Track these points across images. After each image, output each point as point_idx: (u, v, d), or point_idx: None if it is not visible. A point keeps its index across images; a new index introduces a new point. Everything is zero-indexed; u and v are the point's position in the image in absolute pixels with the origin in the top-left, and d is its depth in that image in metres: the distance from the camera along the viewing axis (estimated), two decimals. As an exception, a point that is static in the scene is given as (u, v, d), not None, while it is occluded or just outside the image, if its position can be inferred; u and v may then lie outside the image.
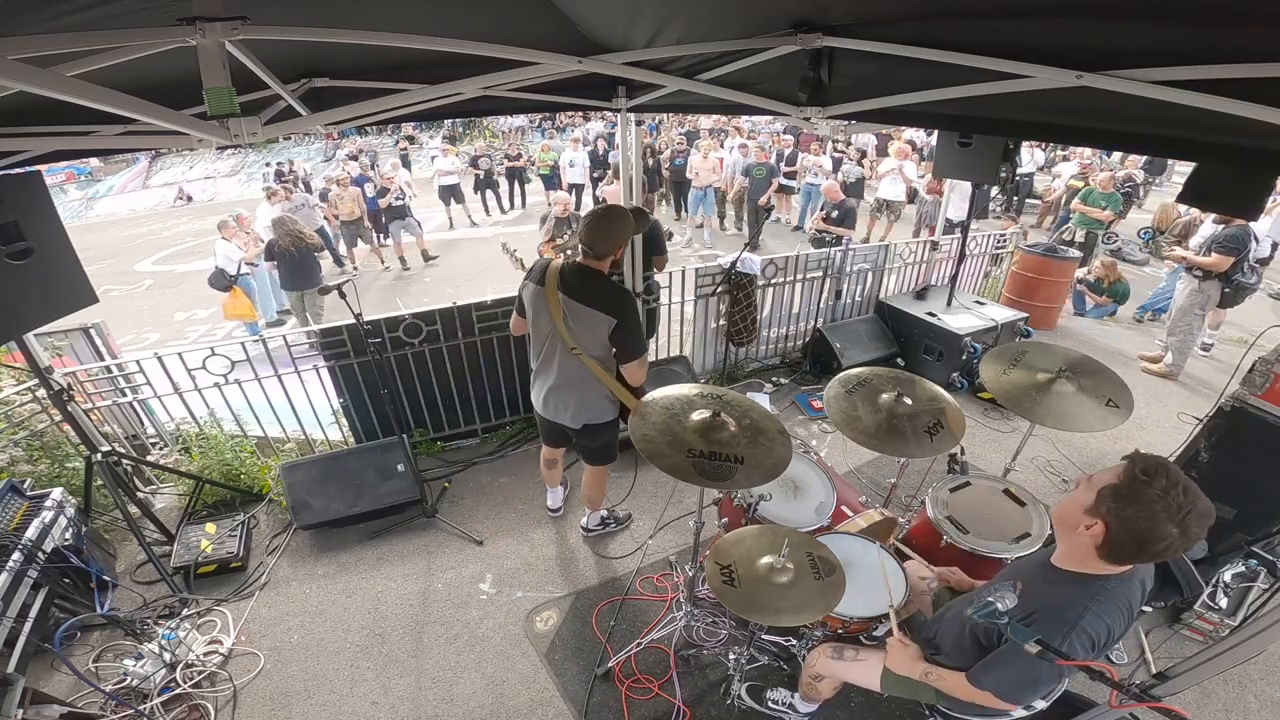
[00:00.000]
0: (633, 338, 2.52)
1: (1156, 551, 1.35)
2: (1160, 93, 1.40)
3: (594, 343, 2.54)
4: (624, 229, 2.50)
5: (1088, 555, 1.45)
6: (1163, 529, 1.31)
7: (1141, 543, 1.35)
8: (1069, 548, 1.53)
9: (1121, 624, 1.46)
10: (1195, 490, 1.34)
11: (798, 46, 2.01)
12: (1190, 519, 1.31)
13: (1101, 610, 1.43)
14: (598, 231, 2.46)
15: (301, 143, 21.65)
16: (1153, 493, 1.32)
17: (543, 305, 2.55)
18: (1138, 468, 1.37)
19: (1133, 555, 1.40)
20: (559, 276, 2.51)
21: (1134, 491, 1.34)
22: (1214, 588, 2.77)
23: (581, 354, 2.55)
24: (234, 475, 3.75)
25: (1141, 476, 1.34)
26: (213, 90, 1.45)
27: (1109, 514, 1.37)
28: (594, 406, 2.72)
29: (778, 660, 2.58)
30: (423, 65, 2.34)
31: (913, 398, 2.49)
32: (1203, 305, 4.97)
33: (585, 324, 2.49)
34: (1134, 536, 1.35)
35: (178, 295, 9.62)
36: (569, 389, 2.69)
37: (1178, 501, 1.31)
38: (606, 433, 2.85)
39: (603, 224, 2.49)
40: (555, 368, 2.66)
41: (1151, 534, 1.33)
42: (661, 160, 12.02)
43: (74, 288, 2.41)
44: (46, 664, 2.67)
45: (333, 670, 2.76)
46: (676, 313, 4.82)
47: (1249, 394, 2.94)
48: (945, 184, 6.87)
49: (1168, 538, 1.32)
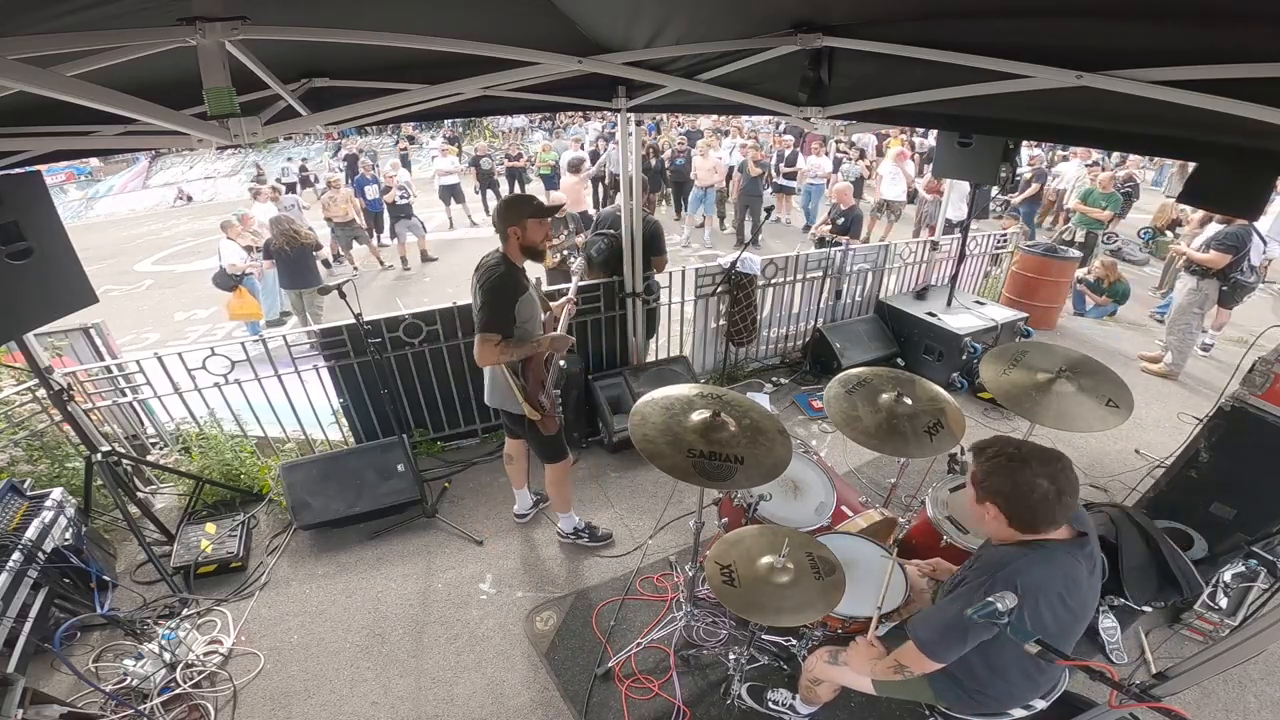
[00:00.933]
0: (484, 311, 2.52)
1: (1047, 507, 1.50)
2: (1160, 93, 1.40)
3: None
4: (517, 210, 2.58)
5: (1010, 534, 1.59)
6: (1025, 479, 1.50)
7: (1027, 501, 1.51)
8: (993, 534, 1.67)
9: (1061, 584, 1.52)
10: (1025, 443, 1.59)
11: (798, 46, 2.02)
12: (1035, 464, 1.51)
13: (1033, 563, 1.53)
14: (498, 211, 2.62)
15: (301, 142, 21.66)
16: (998, 461, 1.55)
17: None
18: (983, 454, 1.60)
19: (1036, 517, 1.53)
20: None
21: (986, 469, 1.57)
22: (1214, 588, 2.77)
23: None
24: (234, 475, 3.75)
25: (983, 456, 1.59)
26: (213, 90, 1.46)
27: (988, 493, 1.57)
28: (496, 392, 2.82)
29: (778, 660, 2.58)
30: (423, 65, 2.35)
31: (913, 398, 2.49)
32: (1201, 304, 4.96)
33: (473, 300, 2.64)
34: (1017, 499, 1.53)
35: (178, 295, 9.61)
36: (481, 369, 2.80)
37: (1016, 454, 1.53)
38: (525, 427, 2.85)
39: (501, 205, 2.67)
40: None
41: (1023, 489, 1.51)
42: (663, 160, 12.02)
43: (74, 288, 2.41)
44: (46, 664, 2.67)
45: (333, 670, 2.76)
46: (676, 313, 4.82)
47: (1249, 394, 2.94)
48: (945, 184, 6.86)
49: (1039, 487, 1.49)
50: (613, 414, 4.10)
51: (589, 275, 4.60)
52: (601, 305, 4.26)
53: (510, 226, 2.55)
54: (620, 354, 4.51)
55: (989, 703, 1.76)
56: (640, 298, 4.29)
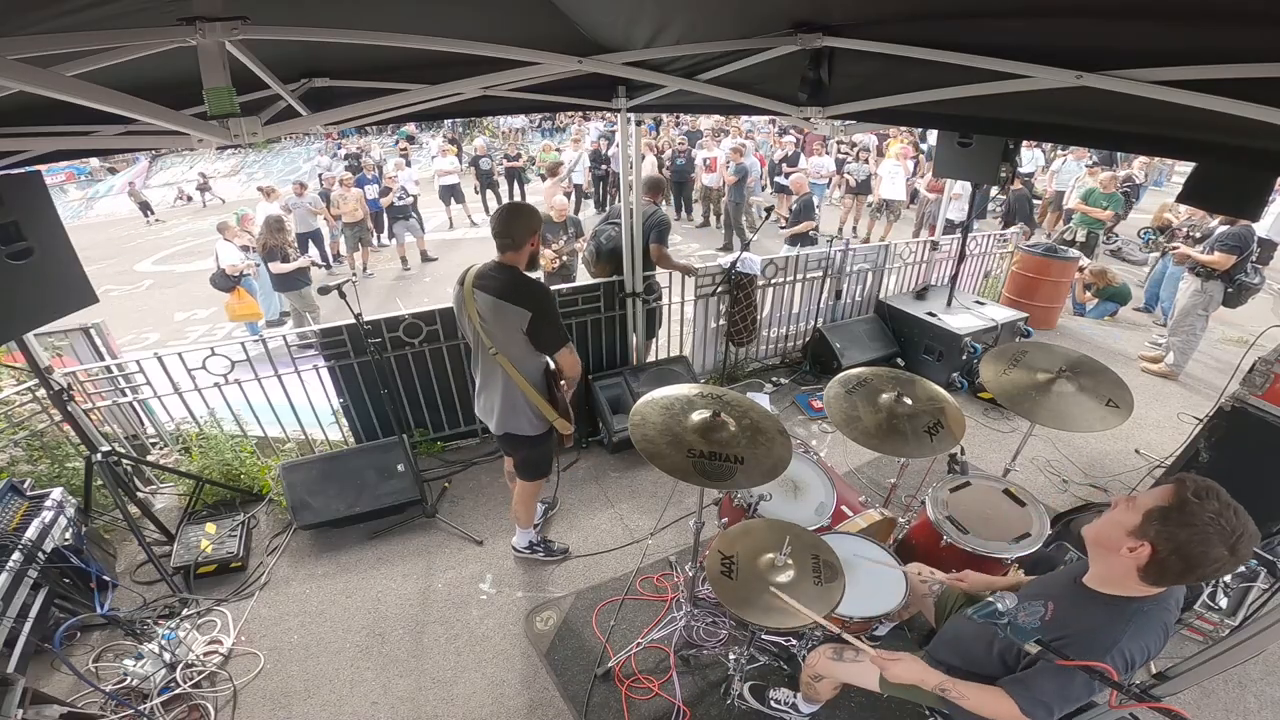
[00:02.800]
0: (551, 328, 2.47)
1: (1204, 573, 1.33)
2: (1160, 93, 1.40)
3: (512, 340, 2.47)
4: (535, 218, 2.51)
5: (1126, 577, 1.41)
6: (1216, 551, 1.29)
7: (1191, 565, 1.32)
8: (1105, 569, 1.48)
9: (1158, 644, 1.43)
10: (1244, 512, 1.32)
11: (798, 46, 2.01)
12: (1242, 541, 1.29)
13: (1138, 633, 1.40)
14: (505, 221, 2.44)
15: (301, 142, 21.65)
16: (1206, 515, 1.29)
17: (461, 306, 2.55)
18: (1189, 490, 1.32)
19: (1178, 577, 1.37)
20: (475, 275, 2.50)
21: (1187, 514, 1.30)
22: (1214, 588, 2.77)
23: (500, 355, 2.50)
24: (234, 475, 3.75)
25: (1194, 499, 1.30)
26: (213, 90, 1.45)
27: (1158, 536, 1.33)
28: (515, 416, 2.64)
29: (778, 660, 2.58)
30: (423, 65, 2.34)
31: (913, 398, 2.49)
32: (1205, 306, 4.95)
33: (502, 319, 2.44)
34: (1184, 559, 1.32)
35: (178, 295, 9.62)
36: (491, 393, 2.65)
37: (1231, 524, 1.28)
38: (529, 447, 2.76)
39: (513, 213, 2.50)
40: (483, 372, 2.66)
41: (1204, 557, 1.30)
42: (663, 160, 12.05)
43: (74, 288, 2.41)
44: (46, 664, 2.67)
45: (333, 670, 2.76)
46: (676, 313, 4.82)
47: (1249, 394, 2.94)
48: (946, 183, 6.87)
49: (1218, 560, 1.30)
50: (613, 414, 4.10)
51: (595, 264, 4.61)
52: (601, 305, 4.25)
53: (531, 236, 2.47)
54: (620, 354, 4.52)
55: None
56: (640, 298, 4.29)
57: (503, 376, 2.55)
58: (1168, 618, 1.44)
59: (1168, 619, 1.44)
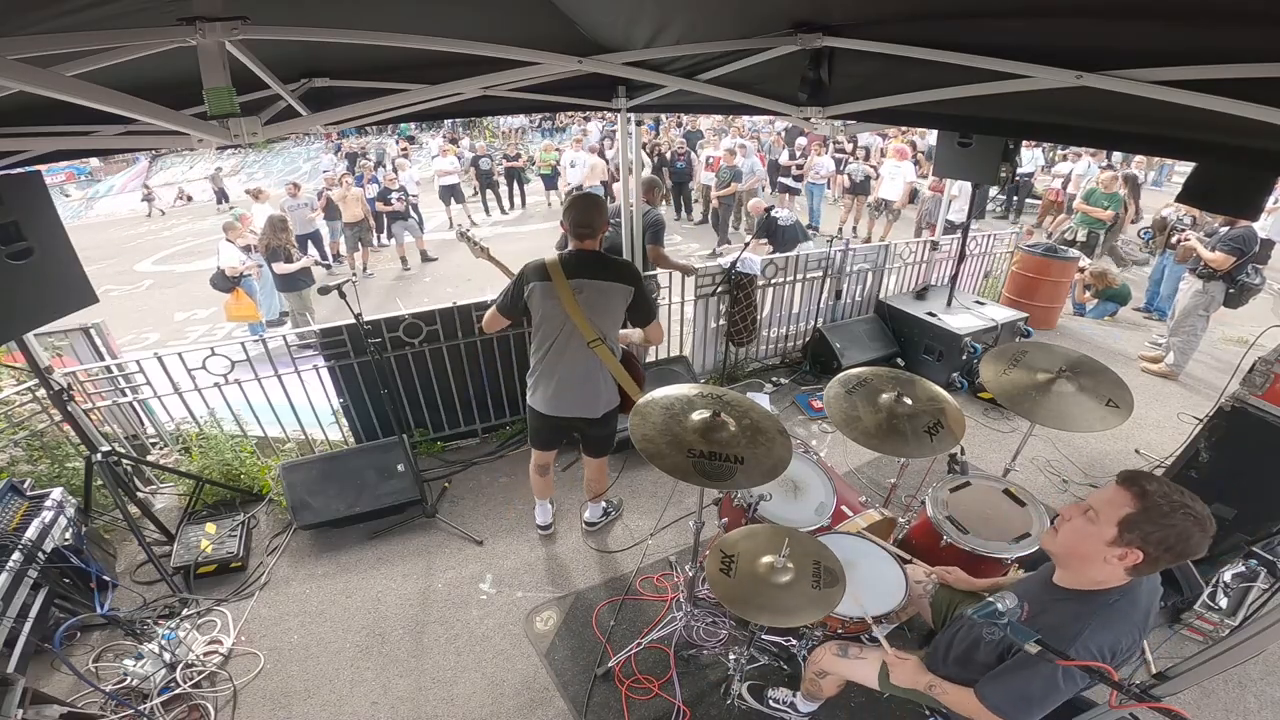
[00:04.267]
0: (650, 299, 2.71)
1: (1188, 556, 1.40)
2: (1160, 93, 1.40)
3: (612, 321, 2.62)
4: (605, 206, 2.65)
5: (1111, 577, 1.47)
6: (1195, 537, 1.37)
7: (1179, 555, 1.39)
8: (1080, 573, 1.53)
9: (1131, 634, 1.47)
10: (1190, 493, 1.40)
11: (798, 46, 2.01)
12: (1208, 520, 1.37)
13: (1103, 626, 1.45)
14: (589, 210, 2.56)
15: (302, 142, 21.66)
16: (1167, 506, 1.37)
17: (554, 300, 2.55)
18: (1146, 488, 1.40)
19: (1168, 565, 1.44)
20: (562, 267, 2.54)
21: (1158, 514, 1.37)
22: (1214, 588, 2.77)
23: (600, 344, 2.59)
24: (234, 475, 3.75)
25: (1157, 498, 1.38)
26: (213, 90, 1.45)
27: (1145, 541, 1.38)
28: (610, 393, 2.79)
29: (778, 660, 2.58)
30: (423, 65, 2.35)
31: (913, 398, 2.48)
32: (1207, 306, 4.95)
33: (605, 301, 2.57)
34: (1171, 551, 1.39)
35: (178, 295, 9.62)
36: (587, 383, 2.71)
37: (1195, 510, 1.37)
38: (612, 421, 2.90)
39: (591, 201, 2.63)
40: (569, 363, 2.66)
41: (1187, 544, 1.37)
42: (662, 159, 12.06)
43: (74, 288, 2.41)
44: (46, 664, 2.67)
45: (333, 670, 2.76)
46: (676, 313, 4.82)
47: (1249, 394, 2.94)
48: (946, 184, 6.87)
49: (1199, 542, 1.38)
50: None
51: None
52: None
53: (606, 222, 2.62)
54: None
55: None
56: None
57: (597, 364, 2.66)
58: (1137, 609, 1.49)
59: (1137, 610, 1.49)
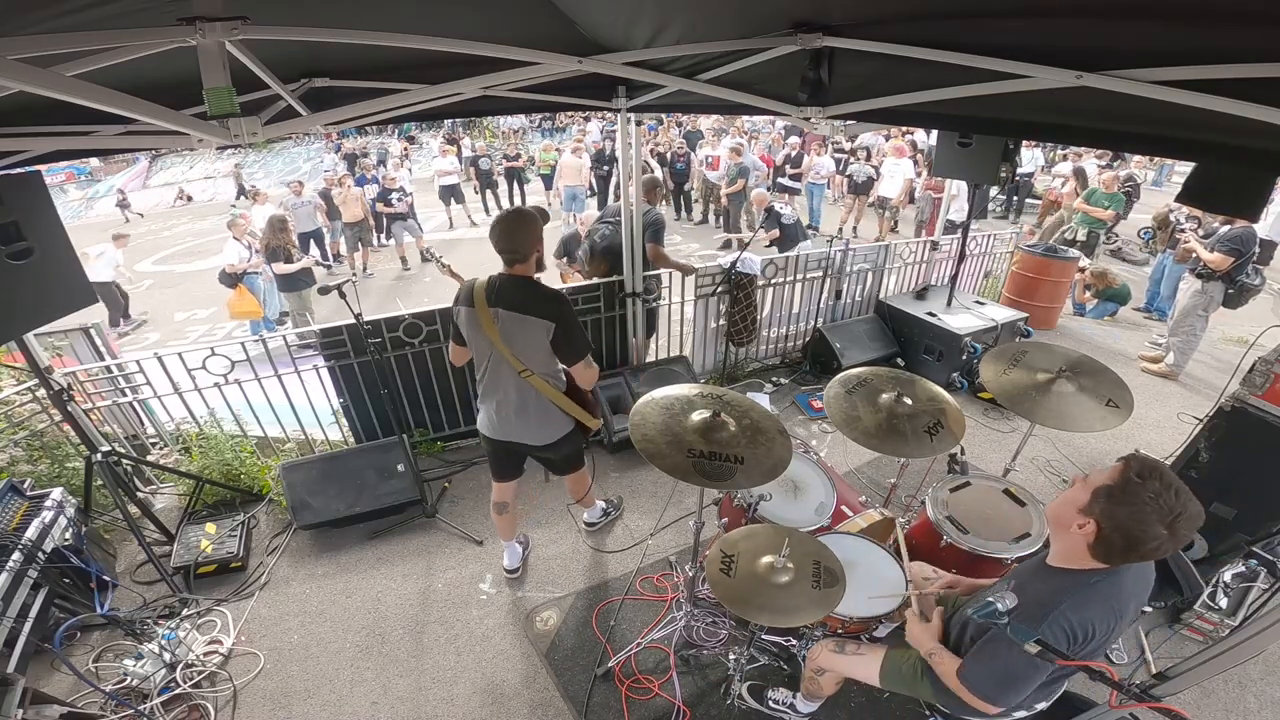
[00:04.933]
0: (574, 338, 2.38)
1: (1146, 551, 1.38)
2: (1160, 93, 1.40)
3: (537, 355, 2.39)
4: (536, 224, 2.39)
5: (1080, 553, 1.48)
6: (1153, 530, 1.34)
7: (1132, 543, 1.38)
8: (1062, 546, 1.55)
9: (1107, 621, 1.47)
10: (1187, 493, 1.36)
11: (798, 46, 2.01)
12: (1180, 521, 1.34)
13: (1081, 604, 1.45)
14: (511, 234, 2.31)
15: (301, 142, 21.65)
16: (1146, 494, 1.34)
17: (478, 327, 2.38)
18: (1133, 469, 1.38)
19: (1123, 554, 1.42)
20: (487, 292, 2.36)
21: (1128, 493, 1.37)
22: (1214, 588, 2.77)
23: (532, 375, 2.41)
24: (234, 475, 3.75)
25: (1136, 479, 1.36)
26: (213, 90, 1.45)
27: (1102, 514, 1.40)
28: (551, 426, 2.59)
29: (778, 660, 2.59)
30: (423, 65, 2.34)
31: (913, 398, 2.49)
32: (1206, 306, 4.95)
33: (525, 334, 2.35)
34: (1124, 536, 1.38)
35: (178, 295, 9.62)
36: (527, 411, 2.53)
37: (1169, 504, 1.33)
38: (569, 443, 2.70)
39: (514, 223, 2.35)
40: (505, 391, 2.50)
41: (1142, 535, 1.36)
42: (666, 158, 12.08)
43: (74, 288, 2.41)
44: (46, 664, 2.67)
45: (333, 670, 2.76)
46: (676, 313, 4.82)
47: (1249, 394, 2.94)
48: (946, 185, 6.87)
49: (1157, 539, 1.35)
50: (613, 414, 4.10)
51: (590, 262, 4.60)
52: (601, 305, 4.26)
53: (536, 243, 2.36)
54: (620, 354, 4.52)
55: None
56: (640, 297, 4.29)
57: (533, 394, 2.47)
58: (1119, 596, 1.48)
59: (1119, 597, 1.48)
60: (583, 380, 2.50)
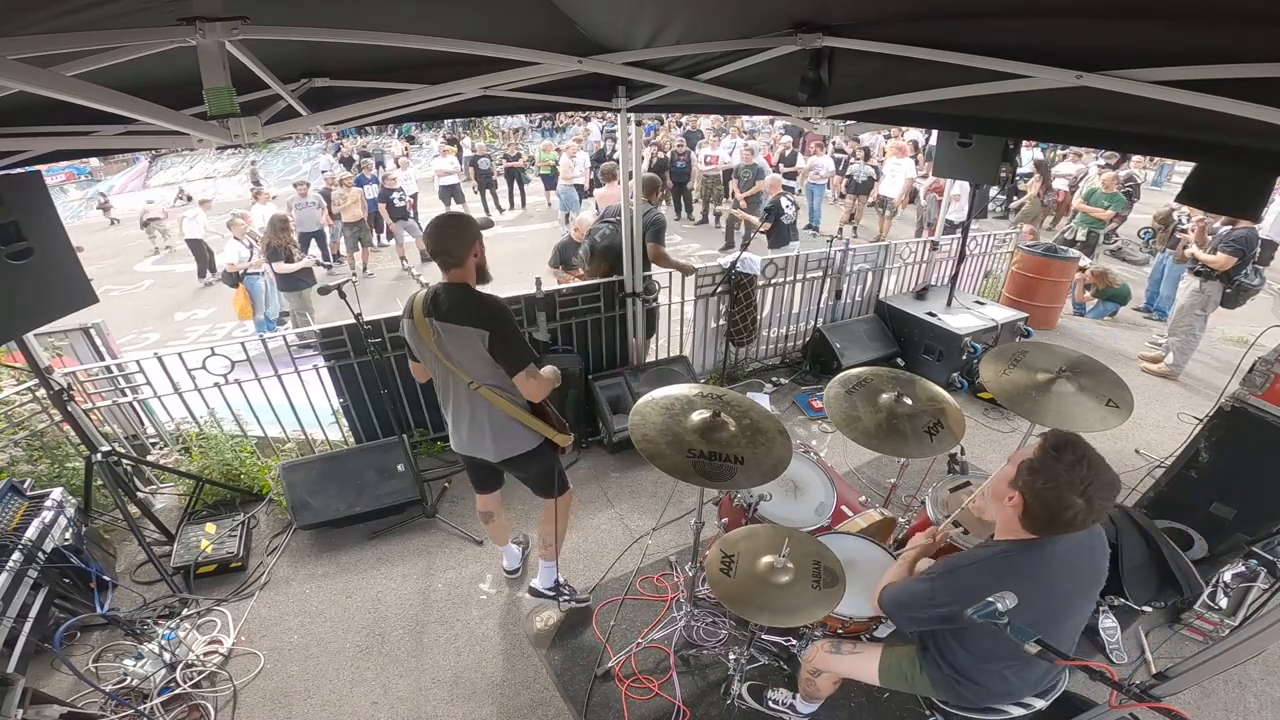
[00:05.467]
0: (511, 346, 2.20)
1: (1067, 519, 1.48)
2: (1160, 93, 1.40)
3: (480, 365, 2.25)
4: (471, 227, 2.25)
5: (1013, 525, 1.59)
6: (1068, 499, 1.45)
7: (1053, 513, 1.48)
8: (1000, 520, 1.66)
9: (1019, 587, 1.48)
10: (1101, 464, 1.47)
11: (798, 46, 2.01)
12: (1094, 490, 1.45)
13: (988, 569, 1.59)
14: (442, 236, 2.19)
15: (302, 142, 21.65)
16: (1060, 467, 1.46)
17: (420, 340, 2.28)
18: (1049, 444, 1.51)
19: (1047, 525, 1.52)
20: (424, 303, 2.24)
21: (1044, 465, 1.48)
22: (1214, 588, 2.77)
23: (480, 387, 2.28)
24: (234, 475, 3.75)
25: (1052, 452, 1.49)
26: (213, 90, 1.45)
27: (1025, 487, 1.52)
28: (510, 439, 2.42)
29: (778, 660, 2.59)
30: (423, 65, 2.34)
31: (913, 398, 2.49)
32: (1204, 306, 4.96)
33: (461, 345, 2.22)
34: (1044, 506, 1.49)
35: (178, 295, 9.62)
36: (476, 424, 2.41)
37: (1081, 475, 1.45)
38: (538, 460, 2.51)
39: (445, 225, 2.22)
40: (458, 404, 2.41)
41: (1060, 504, 1.46)
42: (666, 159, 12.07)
43: (74, 288, 2.41)
44: (46, 664, 2.67)
45: (333, 670, 2.76)
46: (676, 313, 4.82)
47: (1249, 394, 2.94)
48: (946, 186, 6.88)
49: (1074, 507, 1.46)
50: (613, 414, 4.10)
51: (590, 262, 4.59)
52: (601, 305, 4.26)
53: (471, 246, 2.20)
54: (620, 354, 4.51)
55: (978, 693, 1.75)
56: (639, 298, 4.29)
57: (486, 407, 2.35)
58: (1047, 568, 1.57)
59: (1047, 570, 1.57)
60: (528, 393, 2.30)
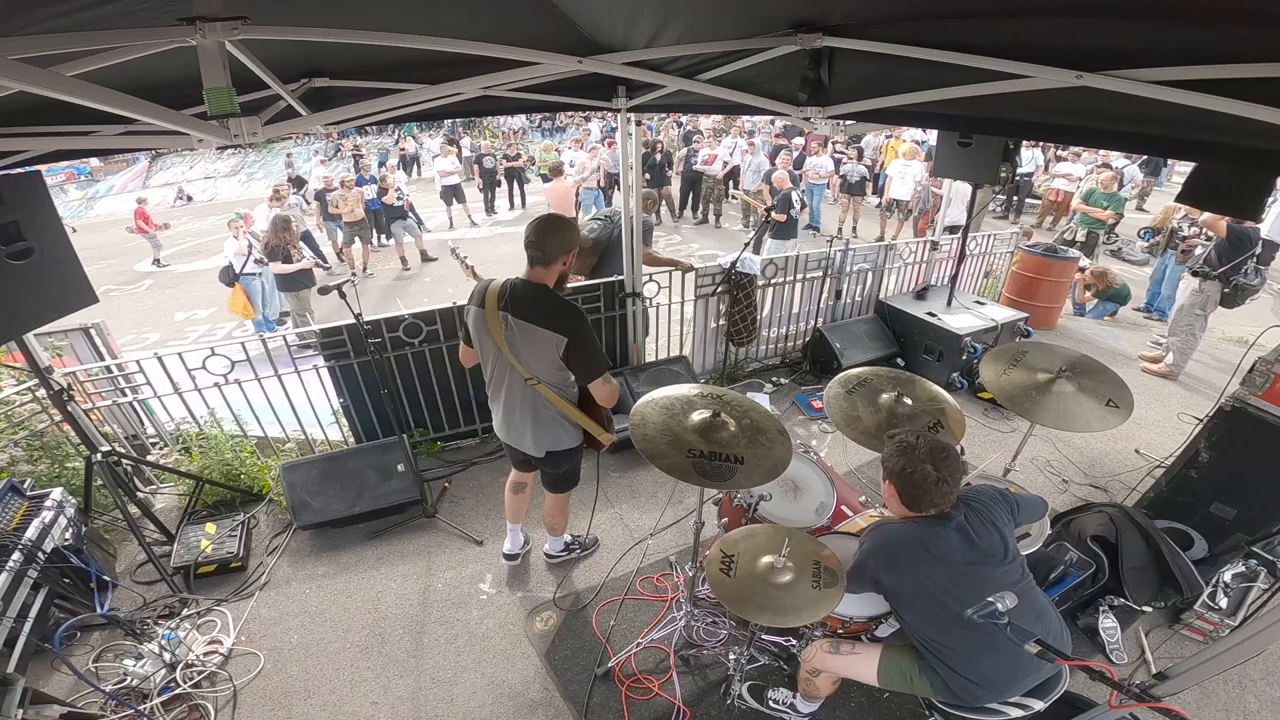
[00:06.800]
0: (589, 355, 2.26)
1: (929, 488, 1.75)
2: (1160, 93, 1.40)
3: (546, 366, 2.31)
4: (574, 234, 2.31)
5: (902, 510, 1.87)
6: (917, 467, 1.76)
7: (914, 486, 1.78)
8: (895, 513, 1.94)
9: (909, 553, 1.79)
10: (935, 440, 1.82)
11: (798, 46, 2.02)
12: (935, 456, 1.76)
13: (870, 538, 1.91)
14: (544, 232, 2.22)
15: (301, 142, 21.65)
16: (897, 444, 1.84)
17: (485, 330, 2.32)
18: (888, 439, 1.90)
19: (915, 500, 1.80)
20: (499, 295, 2.26)
21: (893, 454, 1.84)
22: (1214, 588, 2.77)
23: (539, 384, 2.34)
24: (234, 475, 3.75)
25: (895, 445, 1.85)
26: (213, 90, 1.46)
27: (887, 473, 1.86)
28: (557, 433, 2.51)
29: (778, 660, 2.58)
30: (423, 65, 2.34)
31: (913, 398, 2.49)
32: (1203, 305, 4.96)
33: (532, 345, 2.25)
34: (906, 481, 1.79)
35: (178, 295, 9.61)
36: (527, 419, 2.47)
37: (912, 442, 1.81)
38: (570, 459, 2.65)
39: (549, 225, 2.26)
40: (509, 396, 2.46)
41: (914, 474, 1.77)
42: (675, 158, 12.09)
43: (74, 288, 2.41)
44: (46, 664, 2.67)
45: (333, 670, 2.76)
46: (676, 313, 4.82)
47: (1249, 394, 2.94)
48: (945, 188, 6.87)
49: (927, 475, 1.75)
50: (612, 414, 4.09)
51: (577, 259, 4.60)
52: (601, 305, 4.26)
53: (565, 254, 2.25)
54: (620, 354, 4.52)
55: (970, 688, 1.75)
56: (639, 297, 4.29)
57: (538, 401, 2.40)
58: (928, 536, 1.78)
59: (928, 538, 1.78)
60: (601, 398, 2.38)
